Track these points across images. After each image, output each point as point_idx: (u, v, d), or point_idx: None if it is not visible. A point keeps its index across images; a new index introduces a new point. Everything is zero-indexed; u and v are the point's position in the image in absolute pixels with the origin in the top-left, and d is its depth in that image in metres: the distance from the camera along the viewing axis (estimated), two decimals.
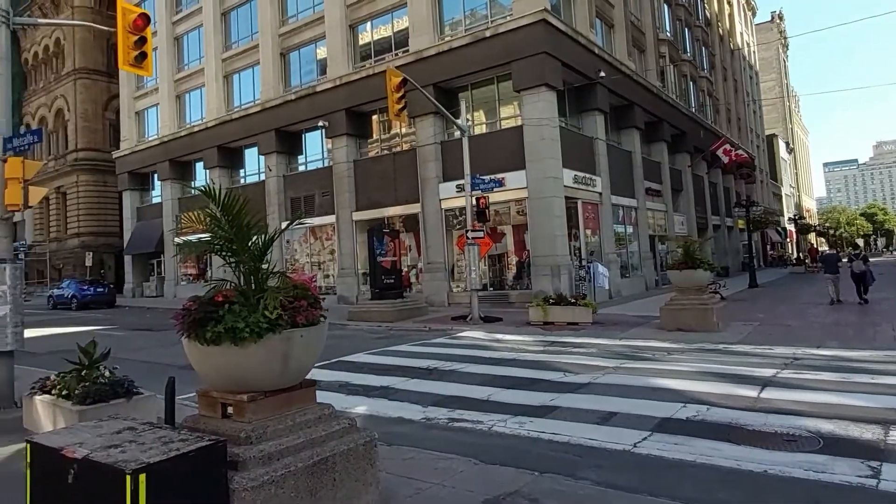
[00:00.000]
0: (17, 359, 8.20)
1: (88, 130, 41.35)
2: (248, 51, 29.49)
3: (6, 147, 8.23)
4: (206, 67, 31.33)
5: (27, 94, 46.05)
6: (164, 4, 33.81)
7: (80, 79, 41.20)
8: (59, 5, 41.85)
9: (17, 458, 5.59)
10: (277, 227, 4.33)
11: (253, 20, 29.27)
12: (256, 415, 4.07)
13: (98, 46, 41.28)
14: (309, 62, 27.21)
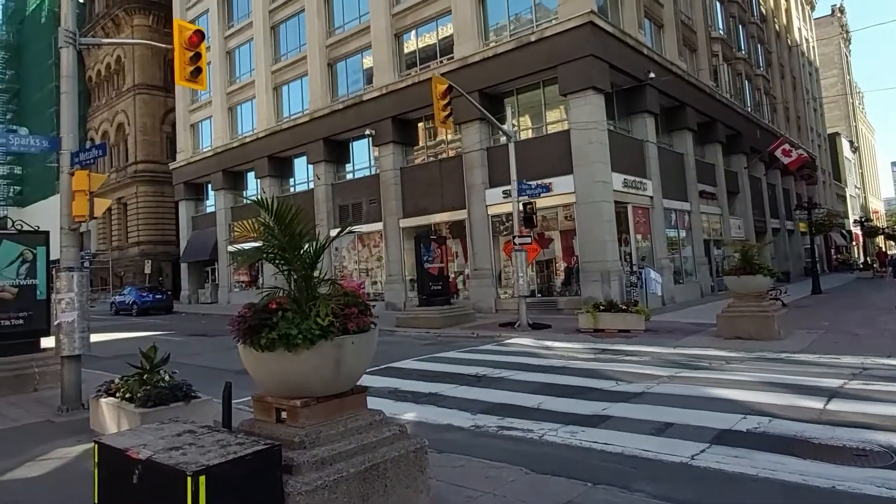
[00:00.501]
0: (83, 362, 8.57)
1: (147, 143, 43.25)
2: (296, 62, 30.25)
3: (73, 161, 8.65)
4: (257, 80, 32.30)
5: (91, 111, 48.54)
6: (216, 20, 35.09)
7: (140, 94, 43.18)
8: (120, 25, 44.04)
9: (85, 458, 5.85)
10: (326, 234, 4.43)
11: (301, 33, 30.03)
12: (310, 420, 4.13)
13: (156, 63, 43.20)
14: (355, 72, 27.70)
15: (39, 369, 9.83)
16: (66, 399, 8.10)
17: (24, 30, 57.16)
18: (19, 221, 10.85)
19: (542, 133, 21.07)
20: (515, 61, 20.16)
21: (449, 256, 20.04)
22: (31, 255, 10.30)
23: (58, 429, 7.16)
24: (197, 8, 37.31)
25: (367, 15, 26.26)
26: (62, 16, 9.05)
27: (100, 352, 13.57)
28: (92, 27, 45.18)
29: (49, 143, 10.48)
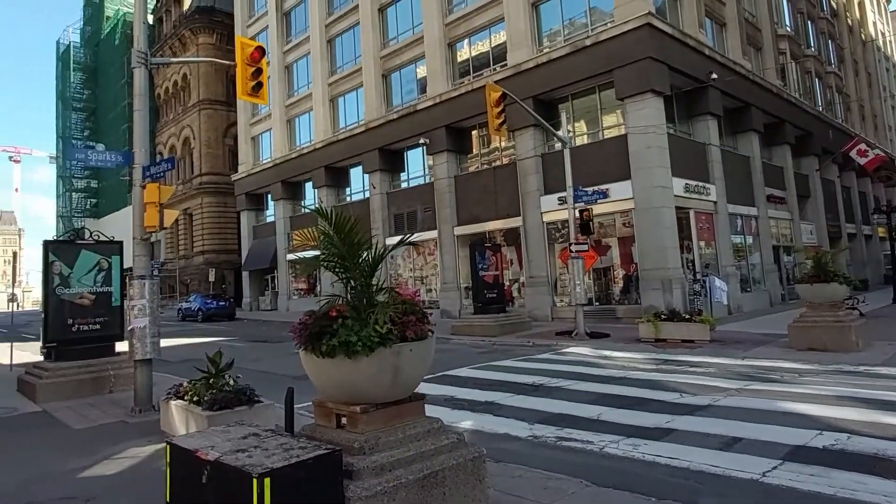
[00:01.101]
0: (154, 366, 8.95)
1: (211, 156, 45.18)
2: (351, 74, 30.95)
3: (145, 174, 9.08)
4: (314, 92, 33.22)
5: (159, 126, 51.19)
6: (275, 36, 36.34)
7: (204, 109, 45.20)
8: (186, 44, 46.30)
9: (157, 457, 6.11)
10: (382, 243, 4.49)
11: (356, 45, 30.71)
12: (369, 426, 4.16)
13: (219, 79, 45.17)
14: (409, 82, 28.08)
15: (114, 372, 10.35)
16: (138, 401, 8.49)
17: (100, 52, 61.04)
18: (96, 232, 11.48)
19: (599, 138, 20.70)
20: (570, 66, 19.93)
21: (504, 264, 19.91)
22: (107, 264, 10.89)
23: (131, 429, 7.51)
24: (257, 25, 38.81)
25: (421, 25, 26.61)
26: (135, 38, 9.57)
27: (169, 356, 14.17)
28: (160, 47, 47.70)
29: (123, 158, 11.09)
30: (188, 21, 45.70)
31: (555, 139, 20.22)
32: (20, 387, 10.70)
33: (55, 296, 10.29)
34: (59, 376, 9.91)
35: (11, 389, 10.88)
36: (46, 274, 10.40)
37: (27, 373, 10.68)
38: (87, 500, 4.91)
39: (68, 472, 5.78)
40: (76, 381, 9.96)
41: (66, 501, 4.92)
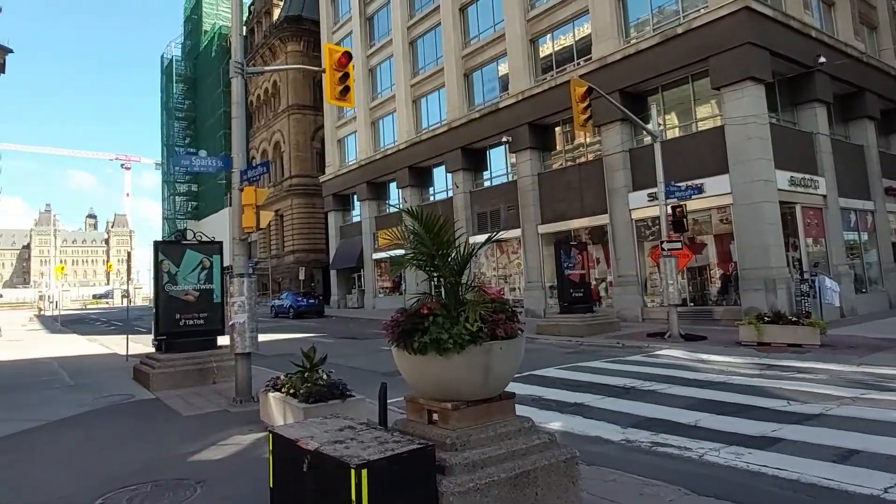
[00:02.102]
0: (252, 359, 9.41)
1: (300, 159, 47.19)
2: (433, 75, 31.30)
3: (242, 178, 9.58)
4: (397, 94, 33.89)
5: (252, 131, 54.14)
6: (359, 41, 37.38)
7: (293, 114, 47.28)
8: (276, 52, 48.61)
9: (258, 445, 6.43)
10: (466, 242, 4.55)
11: (438, 45, 31.03)
12: (460, 423, 4.18)
13: (306, 84, 47.12)
14: (491, 80, 28.01)
15: (217, 364, 11.02)
16: (239, 391, 8.98)
17: (199, 64, 65.48)
18: (199, 233, 12.26)
19: (692, 131, 19.69)
20: (660, 57, 19.10)
21: (590, 263, 19.38)
22: (209, 263, 11.62)
23: (233, 418, 7.95)
24: (342, 31, 40.11)
25: (502, 23, 26.46)
26: (232, 49, 10.12)
27: (264, 350, 14.88)
28: (252, 57, 50.38)
29: (223, 163, 11.77)
30: (277, 30, 47.95)
31: (643, 133, 19.45)
32: (135, 375, 11.64)
33: (164, 292, 11.10)
34: (169, 367, 10.68)
35: (128, 377, 11.87)
36: (157, 272, 11.24)
37: (142, 363, 11.60)
38: (199, 482, 5.25)
39: (181, 455, 6.21)
40: (183, 371, 10.69)
41: (182, 482, 5.29)
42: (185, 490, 5.07)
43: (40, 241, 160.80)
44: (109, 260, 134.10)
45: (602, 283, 22.24)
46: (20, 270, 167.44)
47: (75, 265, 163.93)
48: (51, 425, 8.01)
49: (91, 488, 5.20)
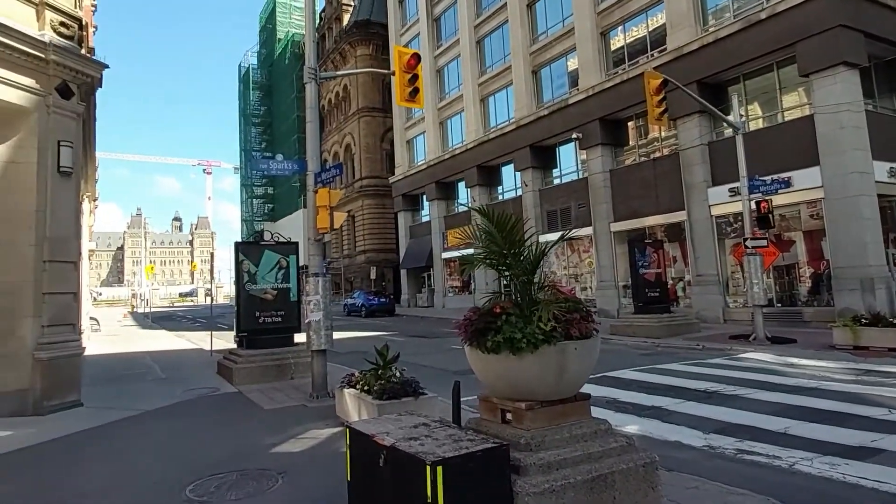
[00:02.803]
0: (327, 357, 9.69)
1: (370, 161, 48.20)
2: (501, 73, 31.15)
3: (316, 180, 9.87)
4: (465, 93, 33.97)
5: (323, 135, 55.74)
6: (426, 42, 37.74)
7: (363, 117, 48.35)
8: (346, 57, 49.86)
9: (334, 439, 6.62)
10: (536, 240, 4.54)
11: (505, 43, 30.84)
12: (534, 423, 4.15)
13: (375, 87, 48.06)
14: (560, 76, 27.56)
15: (294, 360, 11.42)
16: (315, 387, 9.27)
17: (273, 71, 68.25)
18: (276, 234, 12.76)
19: (777, 121, 18.56)
20: (741, 44, 18.14)
21: (666, 261, 18.65)
22: (286, 263, 12.08)
23: (310, 412, 8.22)
24: (409, 33, 40.65)
25: (571, 17, 25.96)
26: (306, 56, 10.44)
27: (338, 348, 15.32)
28: (323, 62, 51.90)
29: (298, 166, 12.19)
30: (347, 35, 49.19)
31: (723, 125, 18.57)
32: (219, 370, 12.27)
33: (245, 291, 11.64)
34: (250, 362, 11.18)
35: (212, 372, 12.53)
36: (238, 272, 11.80)
37: (225, 358, 12.20)
38: (280, 472, 5.46)
39: (263, 446, 6.49)
40: (263, 367, 11.16)
41: (265, 472, 5.52)
42: (268, 480, 5.29)
43: (132, 243, 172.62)
44: (193, 260, 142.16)
45: (679, 282, 21.39)
46: (115, 270, 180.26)
47: (163, 265, 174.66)
48: (147, 414, 8.58)
49: (183, 475, 5.52)
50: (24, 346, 8.75)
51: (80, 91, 9.89)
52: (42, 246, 9.00)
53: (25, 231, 8.93)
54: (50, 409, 8.62)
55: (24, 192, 8.97)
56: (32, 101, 9.03)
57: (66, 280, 9.44)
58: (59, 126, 9.37)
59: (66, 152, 9.36)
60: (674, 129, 20.98)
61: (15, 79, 8.77)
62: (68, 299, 9.50)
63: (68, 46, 9.44)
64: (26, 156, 9.04)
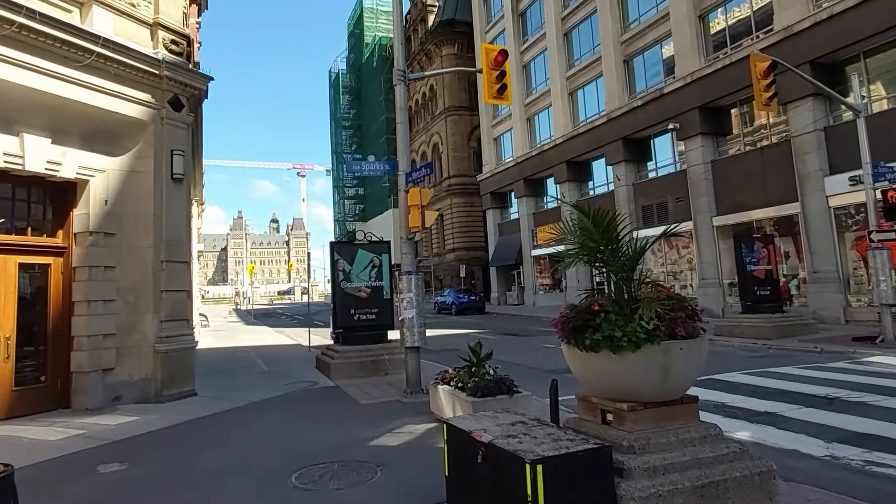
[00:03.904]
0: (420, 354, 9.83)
1: (457, 159, 48.51)
2: (590, 65, 30.31)
3: (407, 180, 10.04)
4: (552, 88, 33.36)
5: (411, 135, 56.58)
6: (512, 38, 37.37)
7: (449, 116, 48.73)
8: (432, 57, 50.43)
9: (429, 435, 6.70)
10: (632, 236, 4.42)
11: (594, 34, 29.96)
12: (637, 425, 4.02)
13: (461, 86, 48.25)
14: (654, 64, 26.39)
15: (388, 357, 11.70)
16: (409, 383, 9.44)
17: (362, 75, 70.34)
18: (369, 234, 13.13)
19: None
20: (862, 18, 16.51)
21: (777, 257, 17.32)
22: (378, 262, 12.40)
23: (405, 408, 8.38)
24: (494, 30, 40.46)
25: (665, 2, 24.78)
26: (395, 58, 10.64)
27: (430, 345, 15.53)
28: (410, 63, 52.77)
29: (390, 166, 12.47)
30: (432, 36, 49.78)
31: (841, 109, 17.03)
32: (317, 364, 12.81)
33: (340, 289, 12.07)
34: (346, 358, 11.57)
35: (311, 366, 13.10)
36: (333, 270, 12.25)
37: (322, 353, 12.72)
38: (379, 465, 5.60)
39: (361, 439, 6.68)
40: (359, 362, 11.51)
41: (364, 464, 5.68)
42: (367, 472, 5.44)
43: (234, 244, 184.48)
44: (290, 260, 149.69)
45: (793, 279, 19.84)
46: (220, 270, 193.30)
47: (262, 265, 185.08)
48: (254, 405, 9.11)
49: (288, 463, 5.80)
50: (146, 339, 9.56)
51: (190, 102, 10.67)
52: (159, 247, 9.80)
53: (145, 234, 9.77)
54: (168, 398, 9.36)
55: (144, 199, 9.81)
56: (149, 114, 9.85)
57: (181, 279, 10.22)
58: (172, 136, 10.17)
59: (178, 160, 10.15)
60: (783, 114, 19.49)
61: (135, 95, 9.61)
62: (183, 296, 10.28)
63: (178, 62, 10.21)
64: (144, 165, 9.88)
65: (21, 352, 8.59)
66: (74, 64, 8.61)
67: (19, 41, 7.90)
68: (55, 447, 6.77)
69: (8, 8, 7.61)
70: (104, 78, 9.07)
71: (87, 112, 9.04)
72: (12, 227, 8.85)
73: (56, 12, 8.53)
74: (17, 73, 7.98)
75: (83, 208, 9.32)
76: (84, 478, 5.63)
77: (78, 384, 8.95)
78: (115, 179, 9.62)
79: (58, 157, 8.84)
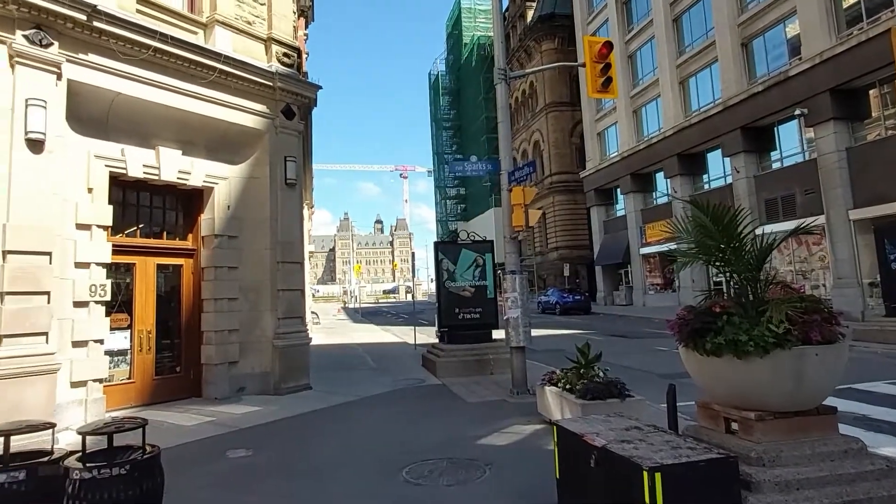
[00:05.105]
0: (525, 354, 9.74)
1: (559, 156, 47.54)
2: (702, 51, 28.52)
3: (510, 179, 9.97)
4: (661, 77, 31.74)
5: (511, 133, 56.09)
6: (615, 28, 35.97)
7: (551, 112, 47.82)
8: (531, 53, 49.73)
9: (537, 436, 6.63)
10: (754, 233, 4.14)
11: (706, 18, 28.14)
12: (766, 436, 3.79)
13: (562, 81, 47.15)
14: (776, 46, 24.32)
15: (493, 356, 11.71)
16: (515, 383, 9.38)
17: (461, 76, 70.86)
18: (472, 233, 13.20)
19: None
20: None
21: None
22: (482, 261, 12.45)
23: (511, 408, 8.34)
24: (596, 21, 39.11)
25: None
26: (495, 57, 10.61)
27: (535, 345, 15.35)
28: (509, 61, 52.38)
29: (492, 166, 12.48)
30: (531, 32, 49.10)
31: None
32: (423, 362, 13.08)
33: (444, 288, 12.26)
34: (452, 356, 11.73)
35: (417, 364, 13.40)
36: (438, 270, 12.46)
37: (428, 351, 12.97)
38: (487, 464, 5.62)
39: (469, 437, 6.74)
40: (464, 361, 11.62)
41: (472, 462, 5.73)
42: (476, 470, 5.47)
43: (341, 245, 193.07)
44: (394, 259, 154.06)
45: None
46: (328, 269, 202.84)
47: (368, 265, 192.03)
48: (364, 400, 9.48)
49: (398, 457, 5.97)
50: (266, 335, 10.26)
51: (300, 111, 11.30)
52: (275, 249, 10.49)
53: (263, 236, 10.49)
54: (286, 391, 9.98)
55: (261, 203, 10.54)
56: (264, 123, 10.57)
57: (295, 278, 10.86)
58: (285, 143, 10.84)
59: (291, 166, 10.79)
60: None
61: (252, 106, 10.35)
62: (297, 295, 10.91)
63: (290, 73, 10.86)
64: (261, 171, 10.62)
65: (159, 344, 9.55)
66: (200, 81, 9.43)
67: (154, 63, 8.77)
68: (190, 432, 7.44)
69: (145, 34, 8.50)
70: (225, 92, 9.86)
71: (211, 124, 9.88)
72: (150, 231, 9.85)
73: (184, 35, 9.38)
74: (153, 93, 8.87)
75: (209, 213, 10.18)
76: (216, 461, 6.14)
77: (207, 375, 9.78)
78: (235, 186, 10.42)
79: (187, 167, 9.71)
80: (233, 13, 10.32)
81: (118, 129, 8.81)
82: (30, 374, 6.83)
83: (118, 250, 8.79)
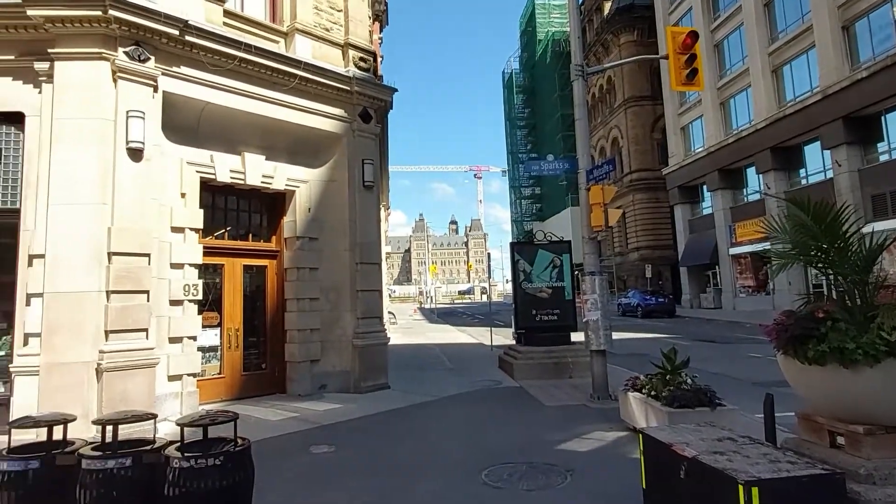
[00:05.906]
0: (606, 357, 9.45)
1: (639, 153, 45.85)
2: (798, 36, 26.65)
3: (588, 177, 9.71)
4: (751, 66, 29.93)
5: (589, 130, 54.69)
6: (700, 16, 34.22)
7: (630, 107, 46.19)
8: (609, 47, 48.27)
9: (620, 444, 6.42)
10: (862, 234, 3.82)
11: (802, 1, 26.28)
12: (876, 452, 3.51)
13: (642, 74, 45.39)
14: (882, 27, 22.34)
15: (572, 360, 11.45)
16: (596, 388, 9.12)
17: (535, 73, 69.91)
18: (549, 234, 12.98)
19: None
20: None
21: None
22: (559, 262, 12.22)
23: (592, 413, 8.13)
24: (678, 11, 37.31)
25: None
26: (572, 53, 10.38)
27: (615, 349, 14.87)
28: (585, 56, 50.85)
29: (570, 165, 12.23)
30: (609, 25, 47.64)
31: None
32: (500, 364, 12.99)
33: (521, 289, 12.13)
34: (529, 359, 11.58)
35: (493, 365, 13.33)
36: (514, 271, 12.35)
37: (505, 353, 12.88)
38: (568, 470, 5.50)
39: (548, 441, 6.62)
40: (541, 364, 11.44)
41: (552, 467, 5.62)
42: (556, 476, 5.36)
43: (416, 246, 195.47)
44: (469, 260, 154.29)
45: None
46: (404, 270, 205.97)
47: (443, 265, 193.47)
48: (441, 400, 9.54)
49: (476, 459, 5.95)
50: (346, 334, 10.55)
51: (377, 114, 11.53)
52: (354, 250, 10.76)
53: (342, 238, 10.80)
54: (366, 389, 10.21)
55: (339, 206, 10.85)
56: (342, 127, 10.87)
57: (373, 279, 11.10)
58: (362, 146, 11.09)
59: (368, 169, 11.04)
60: None
61: (331, 111, 10.69)
62: (375, 296, 11.15)
63: (366, 77, 11.11)
64: (339, 174, 10.94)
65: (246, 342, 10.05)
66: (282, 88, 9.84)
67: (239, 73, 9.24)
68: (275, 426, 7.77)
69: (231, 45, 8.98)
70: (305, 98, 10.23)
71: (292, 129, 10.28)
72: (237, 233, 10.37)
73: (267, 44, 9.81)
74: (239, 101, 9.34)
75: (291, 216, 10.59)
76: (300, 456, 6.36)
77: (291, 372, 10.17)
78: (315, 189, 10.78)
79: (270, 171, 10.15)
80: (312, 21, 10.70)
81: (207, 137, 9.35)
82: (133, 368, 7.37)
83: (208, 252, 9.31)
